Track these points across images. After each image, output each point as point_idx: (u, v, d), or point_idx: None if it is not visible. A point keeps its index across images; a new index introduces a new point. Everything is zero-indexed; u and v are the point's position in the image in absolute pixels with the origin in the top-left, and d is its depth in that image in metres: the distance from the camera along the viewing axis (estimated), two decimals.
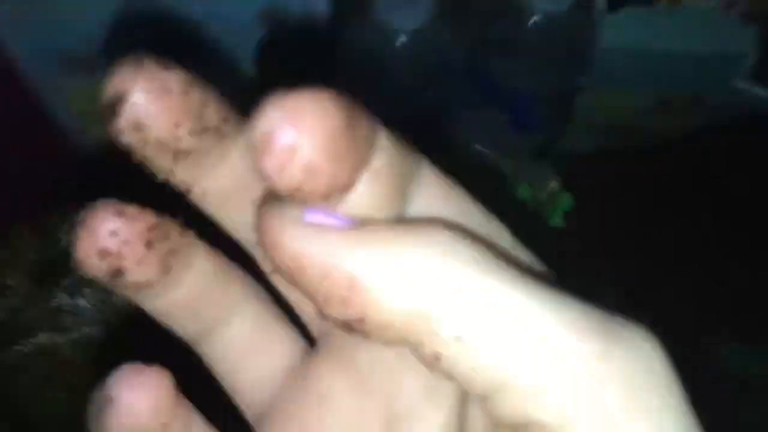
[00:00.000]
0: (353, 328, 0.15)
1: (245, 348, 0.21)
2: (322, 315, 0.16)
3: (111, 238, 0.17)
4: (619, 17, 0.56)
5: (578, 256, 0.62)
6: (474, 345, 0.15)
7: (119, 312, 0.55)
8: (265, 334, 0.21)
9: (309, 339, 0.22)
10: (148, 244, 0.18)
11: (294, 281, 0.15)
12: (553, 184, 0.67)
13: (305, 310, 0.21)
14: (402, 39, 0.54)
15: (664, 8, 0.58)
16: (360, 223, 0.15)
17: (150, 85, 0.16)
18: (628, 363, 0.15)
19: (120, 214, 0.17)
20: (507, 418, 0.15)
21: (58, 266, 0.56)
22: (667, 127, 0.66)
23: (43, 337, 0.54)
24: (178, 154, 0.17)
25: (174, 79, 0.16)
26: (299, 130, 0.14)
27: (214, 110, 0.17)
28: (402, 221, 0.16)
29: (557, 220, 0.60)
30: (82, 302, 0.55)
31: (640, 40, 0.57)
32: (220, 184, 0.19)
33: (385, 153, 0.16)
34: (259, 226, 0.16)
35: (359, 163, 0.15)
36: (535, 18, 0.55)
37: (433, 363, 0.15)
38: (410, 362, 0.19)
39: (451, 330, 0.15)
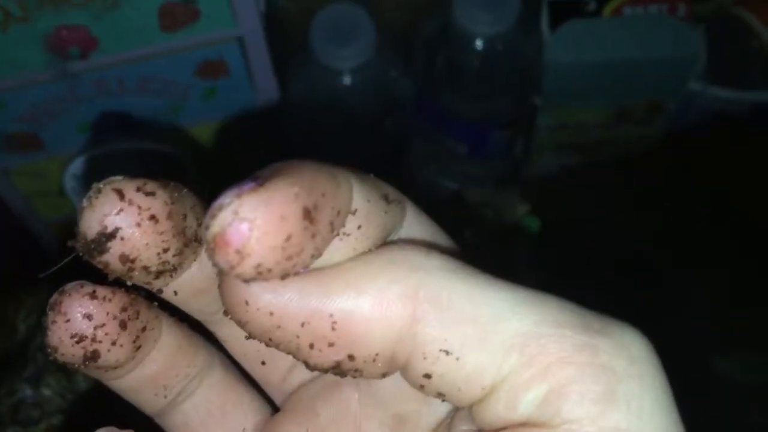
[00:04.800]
0: (343, 368, 0.15)
1: (212, 414, 0.21)
2: (309, 366, 0.15)
3: (85, 321, 0.17)
4: (564, 31, 0.55)
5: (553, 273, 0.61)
6: (461, 355, 0.15)
7: (84, 397, 0.52)
8: (232, 398, 0.21)
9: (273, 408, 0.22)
10: (122, 325, 0.17)
11: (272, 339, 0.15)
12: (522, 209, 0.66)
13: (269, 378, 0.21)
14: (347, 78, 0.53)
15: (609, 18, 0.57)
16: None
17: (139, 217, 0.16)
18: (608, 353, 0.15)
19: (93, 296, 0.17)
20: (495, 421, 0.15)
21: (18, 357, 0.53)
22: (628, 136, 0.65)
23: None
24: (161, 273, 0.17)
25: (159, 203, 0.16)
26: (250, 234, 0.14)
27: (192, 218, 0.17)
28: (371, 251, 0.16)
29: (526, 244, 0.59)
30: (46, 392, 0.53)
31: (589, 52, 0.56)
32: (191, 283, 0.18)
33: (357, 217, 0.15)
34: (227, 293, 0.15)
35: (322, 244, 0.15)
36: (478, 42, 0.54)
37: (423, 383, 0.15)
38: (371, 408, 0.19)
39: (437, 345, 0.15)
